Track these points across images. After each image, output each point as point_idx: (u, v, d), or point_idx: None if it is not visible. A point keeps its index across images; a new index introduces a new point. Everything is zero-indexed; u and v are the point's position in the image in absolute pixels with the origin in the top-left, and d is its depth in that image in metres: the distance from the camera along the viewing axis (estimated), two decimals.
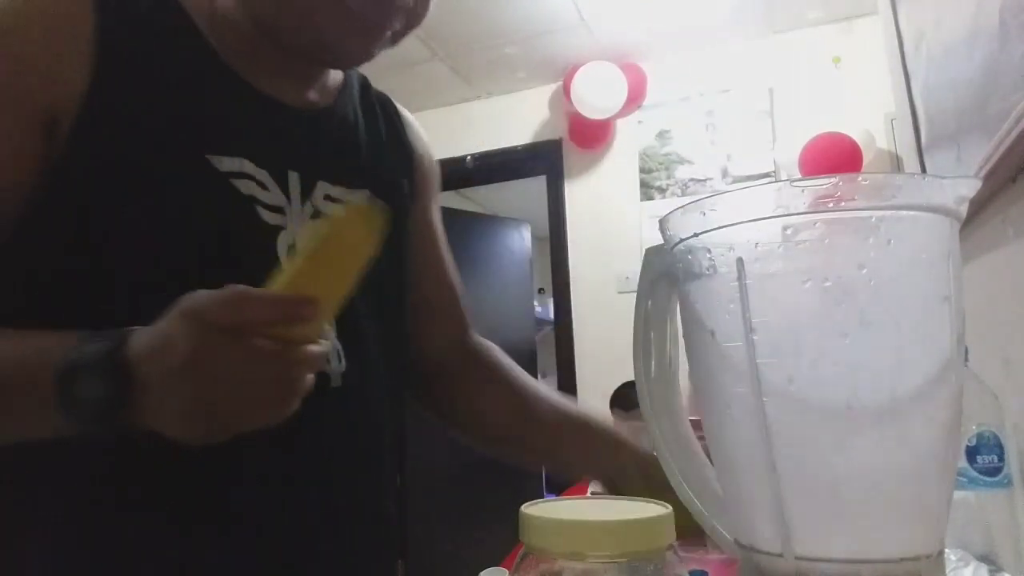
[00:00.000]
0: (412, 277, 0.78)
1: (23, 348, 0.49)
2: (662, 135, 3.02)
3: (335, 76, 0.74)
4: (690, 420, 0.49)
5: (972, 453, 0.68)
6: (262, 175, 0.61)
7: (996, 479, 0.68)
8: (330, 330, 0.63)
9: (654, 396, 0.48)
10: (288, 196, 0.63)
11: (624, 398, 2.42)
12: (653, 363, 0.48)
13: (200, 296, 0.45)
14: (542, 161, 3.23)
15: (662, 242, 0.46)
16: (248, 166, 0.60)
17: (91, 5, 0.55)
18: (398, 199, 0.75)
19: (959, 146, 1.02)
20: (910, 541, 0.36)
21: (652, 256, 0.47)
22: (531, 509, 0.36)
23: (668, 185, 2.99)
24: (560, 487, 3.20)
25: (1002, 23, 0.73)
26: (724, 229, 0.39)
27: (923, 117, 1.33)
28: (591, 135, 3.07)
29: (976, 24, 0.84)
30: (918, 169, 1.38)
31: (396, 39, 0.64)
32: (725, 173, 2.90)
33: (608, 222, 3.06)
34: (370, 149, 0.74)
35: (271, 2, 0.61)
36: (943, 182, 0.37)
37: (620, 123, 3.08)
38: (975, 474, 0.68)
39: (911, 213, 0.37)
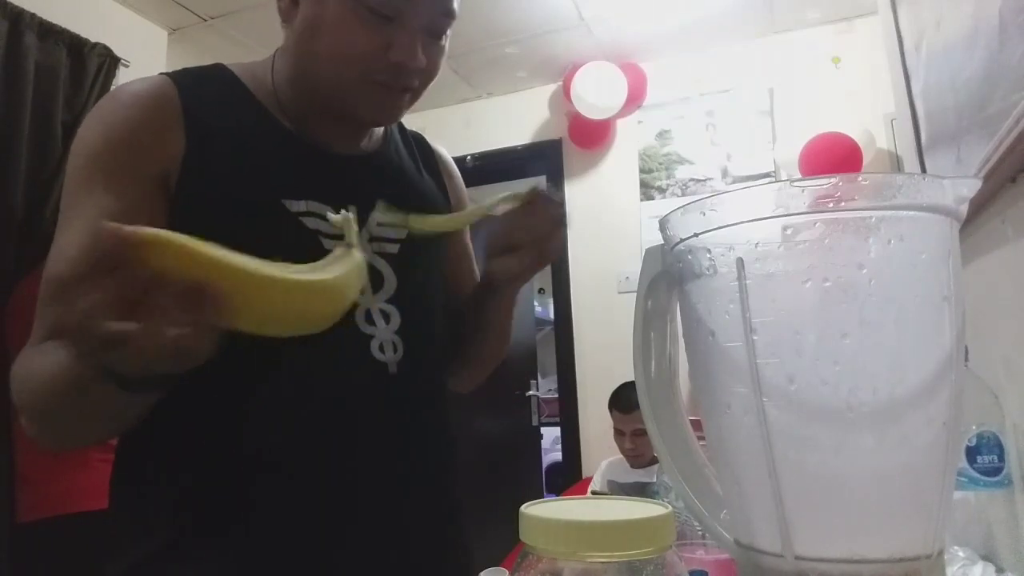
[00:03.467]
0: (452, 286, 0.93)
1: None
2: (662, 135, 3.02)
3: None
4: (690, 420, 0.49)
5: (972, 453, 0.68)
6: (324, 208, 0.73)
7: (996, 479, 0.68)
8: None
9: (654, 396, 0.48)
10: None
11: (624, 398, 2.42)
12: (653, 363, 0.48)
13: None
14: (542, 161, 3.23)
15: (662, 242, 0.46)
16: (313, 205, 0.73)
17: (176, 90, 0.71)
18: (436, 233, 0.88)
19: (959, 146, 1.02)
20: (910, 541, 0.36)
21: (652, 256, 0.47)
22: (531, 509, 0.36)
23: (668, 185, 2.99)
24: (560, 487, 3.20)
25: (1002, 23, 0.73)
26: (724, 229, 0.39)
27: (923, 117, 1.33)
28: (591, 135, 3.07)
29: (976, 24, 0.84)
30: (918, 169, 1.38)
31: (416, 96, 0.78)
32: (725, 173, 2.90)
33: (608, 222, 3.06)
34: (415, 184, 0.88)
35: (311, 86, 0.75)
36: (943, 182, 0.37)
37: (620, 123, 3.08)
38: (975, 474, 0.68)
39: (911, 213, 0.37)
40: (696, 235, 0.41)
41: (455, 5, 0.78)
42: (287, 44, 0.77)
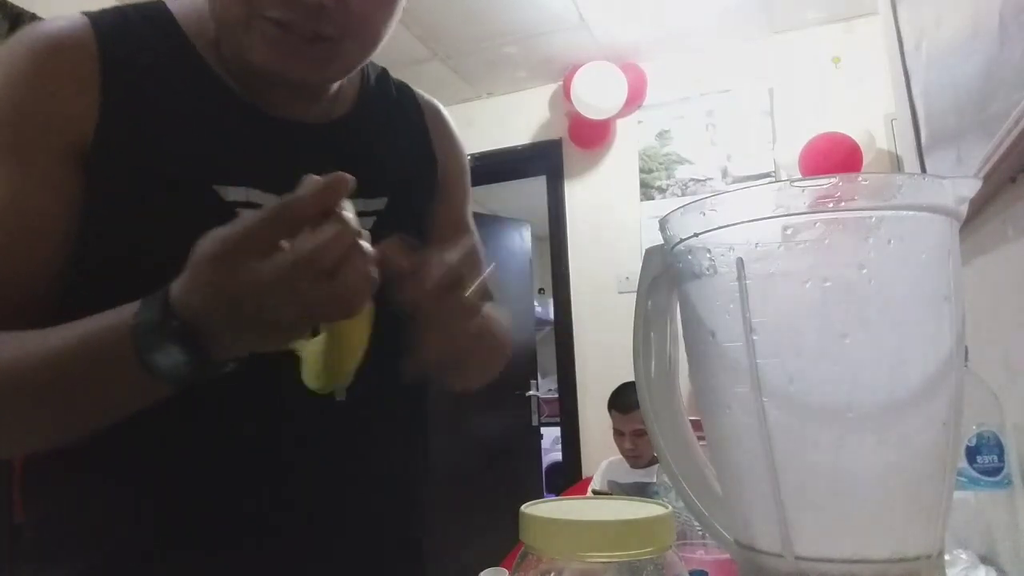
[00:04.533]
0: None
1: (88, 331, 0.49)
2: (662, 135, 3.03)
3: (352, 80, 0.71)
4: (690, 420, 0.49)
5: (972, 453, 0.68)
6: (269, 200, 0.60)
7: (996, 479, 0.68)
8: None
9: (654, 396, 0.48)
10: None
11: (624, 398, 2.42)
12: (653, 363, 0.48)
13: (206, 241, 0.45)
14: (542, 161, 3.23)
15: (662, 242, 0.46)
16: (254, 194, 0.60)
17: (95, 39, 0.57)
18: (416, 201, 0.73)
19: (959, 146, 1.02)
20: (910, 541, 0.36)
21: (652, 256, 0.47)
22: (531, 509, 0.36)
23: (668, 185, 2.99)
24: (560, 487, 3.20)
25: (1002, 23, 0.73)
26: (724, 229, 0.39)
27: (923, 117, 1.33)
28: (591, 135, 3.07)
29: (976, 24, 0.84)
30: (918, 169, 1.38)
31: (341, 50, 0.60)
32: (725, 173, 2.90)
33: (608, 222, 3.06)
34: (390, 153, 0.72)
35: (217, 30, 0.60)
36: (943, 182, 0.37)
37: (620, 123, 3.08)
38: (975, 474, 0.68)
39: (911, 213, 0.37)
40: (696, 235, 0.41)
41: None
42: None
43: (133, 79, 0.58)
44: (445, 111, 0.81)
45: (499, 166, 3.33)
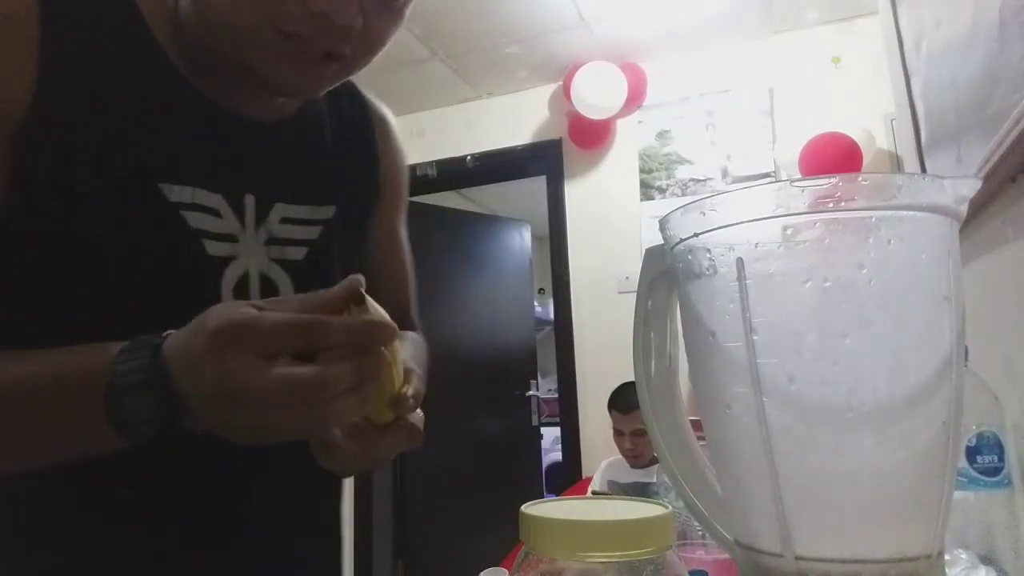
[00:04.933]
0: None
1: (58, 368, 0.46)
2: (662, 135, 3.03)
3: None
4: (690, 420, 0.49)
5: (972, 453, 0.68)
6: (215, 201, 0.58)
7: (996, 479, 0.68)
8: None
9: (654, 396, 0.48)
10: (243, 222, 0.60)
11: (623, 398, 2.42)
12: (653, 363, 0.48)
13: (223, 314, 0.43)
14: (542, 161, 3.23)
15: (662, 242, 0.46)
16: (200, 195, 0.57)
17: (37, 5, 0.51)
18: (360, 211, 0.71)
19: (959, 146, 1.02)
20: (910, 541, 0.36)
21: (652, 256, 0.47)
22: (531, 509, 0.36)
23: (668, 185, 2.99)
24: (560, 487, 3.20)
25: (1002, 23, 0.73)
26: (724, 229, 0.39)
27: (923, 117, 1.33)
28: (591, 135, 3.07)
29: (976, 24, 0.84)
30: (918, 169, 1.38)
31: (348, 69, 0.58)
32: (725, 173, 2.90)
33: (608, 222, 3.06)
34: (338, 157, 0.69)
35: (206, 28, 0.55)
36: (943, 182, 0.37)
37: (620, 123, 3.08)
38: (975, 474, 0.68)
39: (911, 213, 0.37)
40: (696, 235, 0.41)
41: None
42: None
43: (76, 53, 0.52)
44: (393, 120, 0.78)
45: (499, 166, 3.33)
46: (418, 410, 0.52)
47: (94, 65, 0.53)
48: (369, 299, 0.46)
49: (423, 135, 3.41)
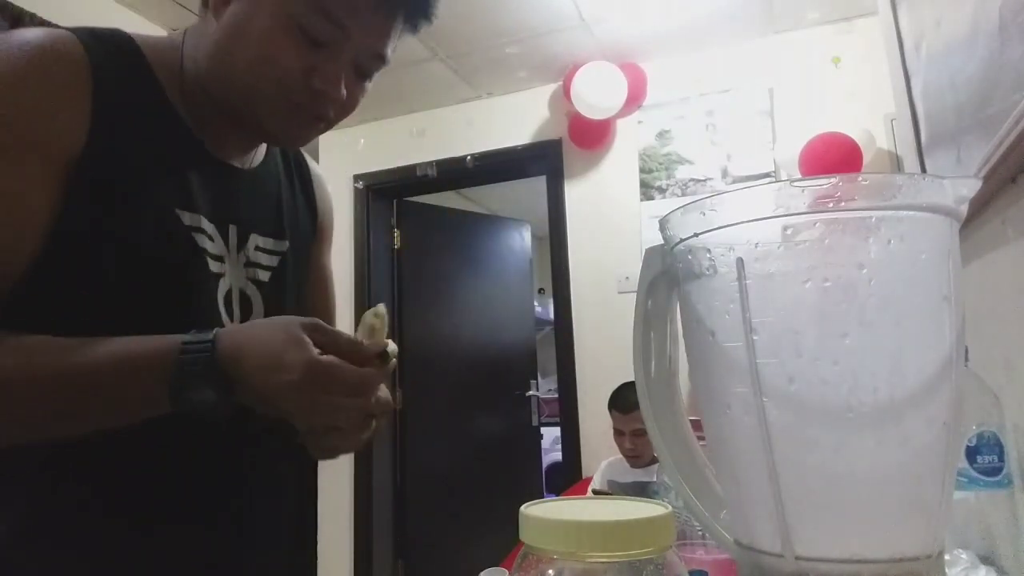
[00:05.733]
0: (305, 306, 0.89)
1: (130, 355, 0.58)
2: (662, 135, 3.02)
3: None
4: (690, 420, 0.49)
5: (972, 453, 0.68)
6: (210, 228, 0.71)
7: (996, 479, 0.68)
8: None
9: (654, 396, 0.48)
10: (228, 247, 0.74)
11: (623, 398, 2.42)
12: (653, 363, 0.48)
13: (306, 327, 0.59)
14: (542, 161, 3.23)
15: (662, 242, 0.46)
16: (203, 222, 0.70)
17: (89, 70, 0.62)
18: (305, 250, 0.87)
19: (959, 146, 1.02)
20: (910, 541, 0.36)
21: (652, 256, 0.47)
22: (531, 509, 0.36)
23: (668, 185, 2.99)
24: (560, 487, 3.20)
25: (1002, 23, 0.73)
26: (724, 229, 0.39)
27: (923, 117, 1.33)
28: (591, 135, 3.06)
29: (976, 24, 0.84)
30: (918, 169, 1.38)
31: (328, 126, 0.74)
32: (725, 173, 2.90)
33: (608, 222, 3.05)
34: (289, 204, 0.85)
35: (224, 88, 0.69)
36: (943, 182, 0.37)
37: (620, 123, 3.08)
38: (975, 474, 0.68)
39: (911, 213, 0.37)
40: (696, 235, 0.41)
41: (389, 51, 0.72)
42: (208, 35, 0.69)
43: (115, 109, 0.64)
44: (323, 175, 0.96)
45: (499, 166, 3.33)
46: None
47: (127, 119, 0.65)
48: (389, 351, 0.64)
49: (423, 135, 3.41)
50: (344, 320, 1.07)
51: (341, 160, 3.47)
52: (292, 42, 0.66)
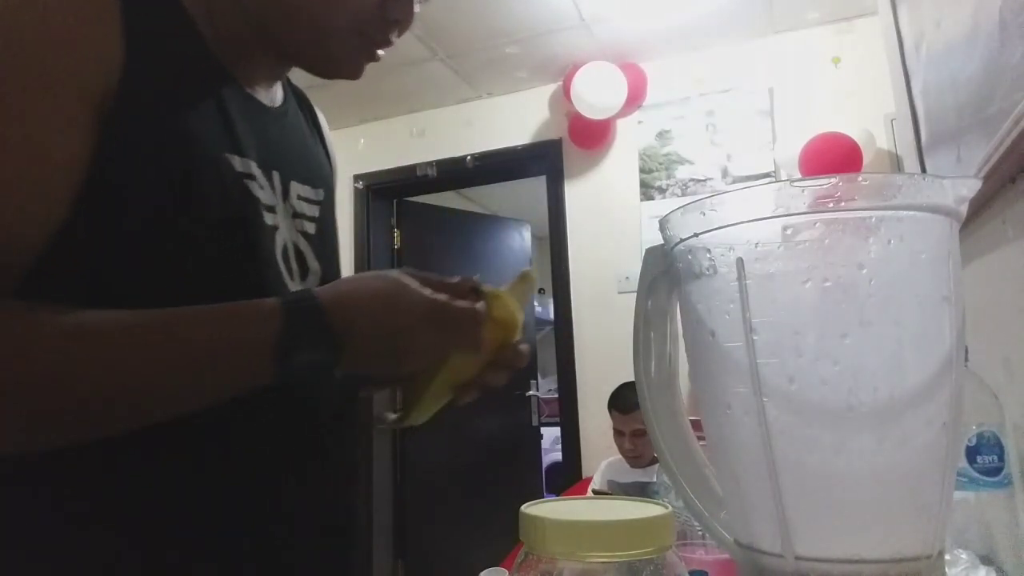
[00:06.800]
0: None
1: (223, 319, 0.53)
2: (662, 135, 3.02)
3: None
4: (690, 420, 0.49)
5: (972, 453, 0.68)
6: (260, 175, 0.64)
7: (996, 479, 0.68)
8: None
9: (654, 396, 0.48)
10: (275, 195, 0.66)
11: (623, 398, 2.42)
12: (653, 363, 0.48)
13: (403, 272, 0.58)
14: (542, 161, 3.23)
15: (662, 242, 0.46)
16: (253, 167, 0.63)
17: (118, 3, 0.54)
18: (331, 195, 0.80)
19: (959, 146, 1.02)
20: (910, 541, 0.36)
21: (652, 256, 0.47)
22: (531, 509, 0.36)
23: (668, 185, 2.99)
24: (560, 487, 3.20)
25: (1002, 23, 0.73)
26: (724, 229, 0.39)
27: (923, 117, 1.33)
28: (591, 135, 3.06)
29: (976, 24, 0.84)
30: (918, 169, 1.38)
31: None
32: (725, 173, 2.90)
33: (608, 222, 3.05)
34: (312, 148, 0.78)
35: (284, 18, 0.63)
36: (943, 182, 0.37)
37: (620, 123, 3.08)
38: (975, 474, 0.68)
39: (911, 213, 0.37)
40: (696, 235, 0.41)
41: None
42: None
43: (146, 30, 0.55)
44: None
45: (499, 166, 3.33)
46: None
47: (160, 52, 0.57)
48: (483, 290, 0.63)
49: (423, 135, 3.41)
50: None
51: (341, 160, 3.42)
52: None
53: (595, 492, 2.37)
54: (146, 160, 0.54)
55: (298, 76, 0.76)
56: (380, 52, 0.68)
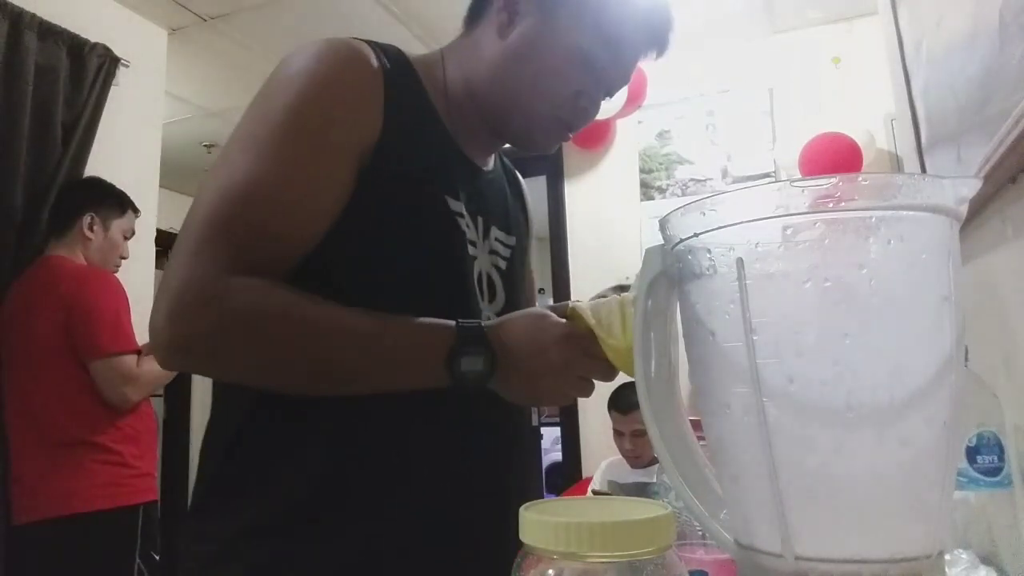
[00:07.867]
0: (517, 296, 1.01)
1: (416, 332, 0.68)
2: (662, 135, 3.02)
3: None
4: (690, 420, 0.49)
5: (972, 453, 0.68)
6: (467, 217, 0.81)
7: (996, 479, 0.68)
8: None
9: (654, 396, 0.48)
10: (478, 234, 0.84)
11: (623, 398, 2.42)
12: (653, 363, 0.48)
13: (565, 329, 0.68)
14: (542, 161, 3.22)
15: (662, 242, 0.46)
16: (463, 209, 0.80)
17: (382, 76, 0.73)
18: (523, 248, 0.98)
19: (959, 146, 1.02)
20: (910, 541, 0.36)
21: (652, 256, 0.47)
22: (531, 509, 0.36)
23: (668, 185, 2.99)
24: (560, 487, 3.20)
25: (1002, 23, 0.73)
26: (724, 229, 0.39)
27: (923, 117, 1.33)
28: (591, 135, 3.06)
29: (976, 24, 0.84)
30: (918, 169, 1.38)
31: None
32: (725, 173, 2.90)
33: (608, 222, 3.05)
34: (512, 205, 0.96)
35: (502, 110, 0.81)
36: (943, 182, 0.37)
37: (620, 123, 3.08)
38: (975, 474, 0.68)
39: (911, 213, 0.37)
40: (696, 235, 0.41)
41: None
42: (480, 53, 0.81)
43: (400, 104, 0.74)
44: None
45: None
46: None
47: (408, 121, 0.76)
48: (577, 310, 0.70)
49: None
50: None
51: None
52: (575, 69, 0.78)
53: (595, 492, 2.37)
54: (389, 197, 0.72)
55: None
56: (570, 133, 0.84)
